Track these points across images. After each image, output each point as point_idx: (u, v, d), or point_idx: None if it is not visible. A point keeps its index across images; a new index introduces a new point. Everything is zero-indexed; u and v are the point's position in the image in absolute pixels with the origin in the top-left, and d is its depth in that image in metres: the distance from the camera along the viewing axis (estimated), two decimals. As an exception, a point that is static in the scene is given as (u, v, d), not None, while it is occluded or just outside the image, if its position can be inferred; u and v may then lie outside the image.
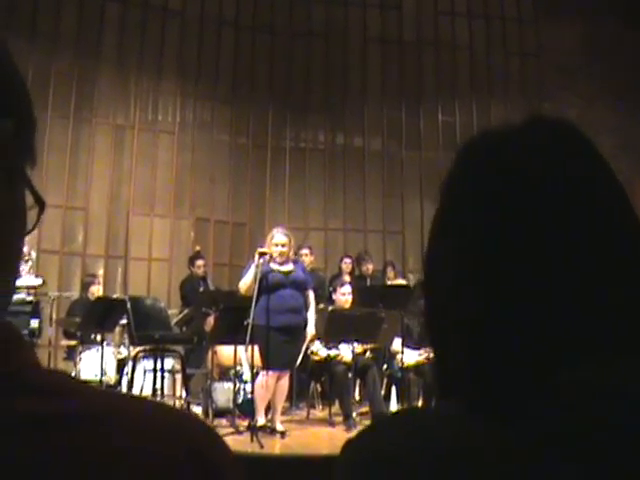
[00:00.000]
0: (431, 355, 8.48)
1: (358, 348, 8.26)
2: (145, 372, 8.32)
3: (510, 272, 0.80)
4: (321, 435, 7.86)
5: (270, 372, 7.30)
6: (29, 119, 0.68)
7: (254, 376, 7.73)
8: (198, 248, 11.03)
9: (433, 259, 0.90)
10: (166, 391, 8.07)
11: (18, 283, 0.65)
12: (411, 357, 8.63)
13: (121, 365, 8.82)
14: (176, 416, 0.62)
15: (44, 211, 0.68)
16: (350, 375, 8.17)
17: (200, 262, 10.62)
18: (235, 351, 7.71)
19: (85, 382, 0.65)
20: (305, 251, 10.62)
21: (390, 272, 11.21)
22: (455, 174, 0.90)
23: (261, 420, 7.37)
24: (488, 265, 0.81)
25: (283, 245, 7.52)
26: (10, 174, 0.64)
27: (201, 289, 10.12)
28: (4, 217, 0.64)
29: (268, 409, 7.64)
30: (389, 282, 10.81)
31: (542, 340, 0.78)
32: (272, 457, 6.62)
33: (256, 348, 7.44)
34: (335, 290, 8.93)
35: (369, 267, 11.17)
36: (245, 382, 8.45)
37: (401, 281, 11.03)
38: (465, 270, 0.83)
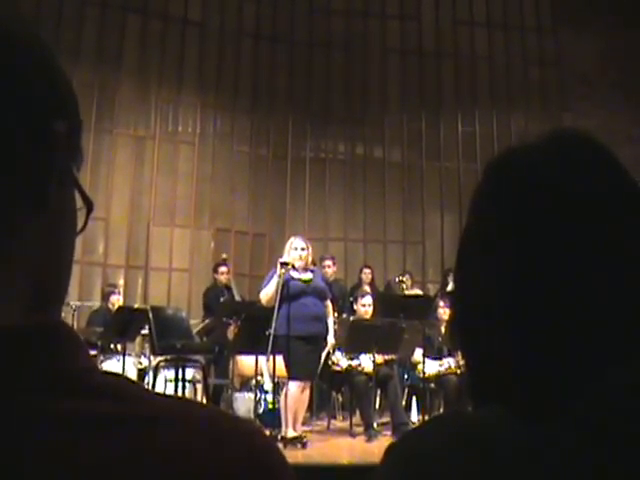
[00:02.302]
0: (452, 365, 8.51)
1: (379, 358, 8.24)
2: (166, 382, 8.33)
3: (544, 281, 0.80)
4: (342, 445, 7.84)
5: (295, 382, 7.28)
6: (76, 121, 0.69)
7: (275, 386, 7.72)
8: (224, 256, 10.91)
9: (465, 270, 0.90)
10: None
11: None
12: (432, 367, 8.62)
13: (142, 375, 8.83)
14: (236, 421, 0.62)
15: (92, 212, 0.70)
16: (371, 385, 8.15)
17: (223, 269, 10.61)
18: (256, 361, 7.70)
19: (143, 387, 0.65)
20: (328, 262, 10.62)
21: (407, 281, 11.15)
22: (484, 190, 0.91)
23: (291, 432, 7.33)
24: (522, 275, 0.82)
25: (303, 249, 7.53)
26: (62, 175, 0.65)
27: (223, 298, 10.12)
28: (58, 217, 0.65)
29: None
30: (406, 292, 10.80)
31: (585, 343, 0.78)
32: (293, 467, 6.59)
33: (278, 358, 7.42)
34: (356, 300, 8.91)
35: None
36: (266, 392, 8.44)
37: (417, 291, 11.02)
38: (500, 280, 0.83)
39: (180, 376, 7.88)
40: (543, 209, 0.82)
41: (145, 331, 8.27)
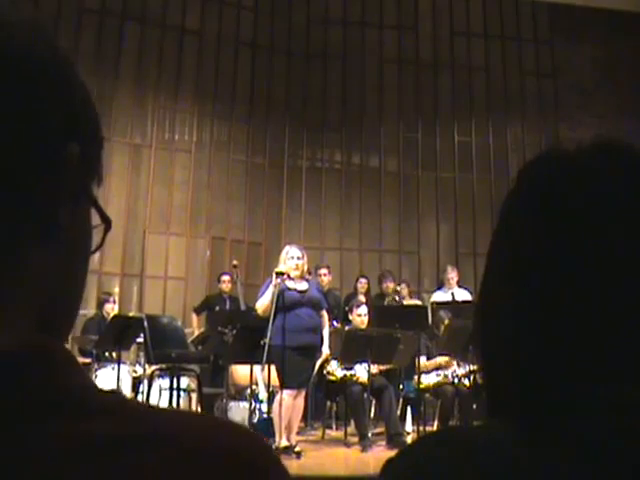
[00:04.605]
0: (448, 375, 8.52)
1: (373, 368, 8.24)
2: (160, 391, 8.32)
3: (565, 298, 0.79)
4: (337, 455, 7.83)
5: (288, 391, 7.26)
6: (95, 137, 0.69)
7: (270, 396, 7.70)
8: (235, 262, 10.74)
9: (489, 284, 0.88)
10: (182, 410, 8.04)
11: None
12: (430, 377, 8.64)
13: (136, 383, 8.81)
14: (239, 437, 0.61)
15: (110, 229, 0.69)
16: (366, 395, 8.14)
17: (224, 278, 10.62)
18: (251, 371, 7.69)
19: (142, 403, 0.64)
20: (324, 271, 10.65)
21: (404, 290, 11.12)
22: (516, 198, 0.88)
23: (284, 442, 7.32)
24: (543, 292, 0.80)
25: (299, 258, 7.52)
26: (76, 195, 0.65)
27: (219, 307, 10.11)
28: (69, 241, 0.65)
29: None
30: (404, 301, 10.80)
31: (591, 362, 0.77)
32: (288, 477, 6.56)
33: (272, 368, 7.41)
34: (351, 310, 8.91)
35: (389, 285, 11.06)
36: (261, 402, 8.42)
37: (416, 301, 11.00)
38: (521, 296, 0.82)
39: (175, 385, 7.87)
40: (577, 225, 0.80)
41: (140, 339, 8.26)
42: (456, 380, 8.59)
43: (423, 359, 8.70)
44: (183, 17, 12.75)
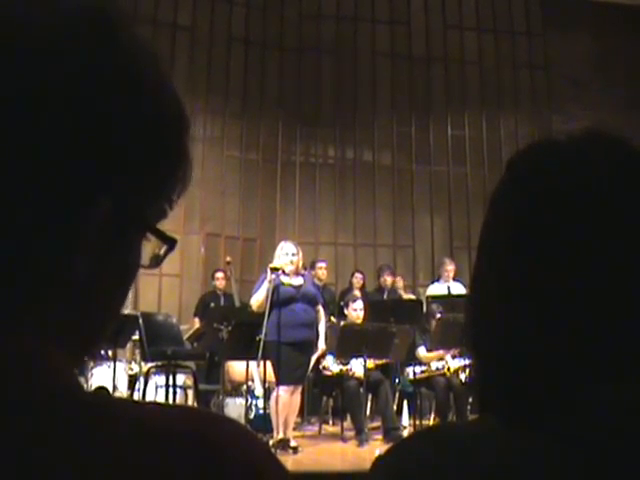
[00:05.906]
0: (439, 367, 8.55)
1: (369, 363, 8.24)
2: (157, 388, 8.31)
3: (552, 292, 0.78)
4: (333, 450, 7.83)
5: (284, 387, 7.27)
6: (155, 166, 0.63)
7: (267, 392, 7.71)
8: (228, 259, 10.76)
9: (478, 276, 0.88)
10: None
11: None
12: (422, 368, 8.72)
13: (133, 381, 8.80)
14: (233, 433, 0.59)
15: (172, 250, 0.67)
16: (362, 390, 8.14)
17: (218, 275, 10.61)
18: (247, 367, 7.69)
19: (131, 401, 0.63)
20: (322, 264, 10.67)
21: (399, 282, 11.12)
22: (504, 187, 0.87)
23: (280, 434, 7.33)
24: (530, 285, 0.79)
25: (293, 254, 7.52)
26: (112, 235, 0.60)
27: (214, 304, 10.10)
28: (92, 284, 0.61)
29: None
30: (401, 292, 10.85)
31: (582, 359, 0.77)
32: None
33: (268, 364, 7.42)
34: (347, 305, 8.90)
35: (387, 279, 11.05)
36: (257, 398, 8.42)
37: (411, 296, 10.99)
38: (508, 289, 0.82)
39: (171, 382, 7.86)
40: (565, 215, 0.79)
41: (136, 337, 8.24)
42: (448, 373, 8.62)
43: (423, 350, 8.74)
44: (175, 13, 12.71)
